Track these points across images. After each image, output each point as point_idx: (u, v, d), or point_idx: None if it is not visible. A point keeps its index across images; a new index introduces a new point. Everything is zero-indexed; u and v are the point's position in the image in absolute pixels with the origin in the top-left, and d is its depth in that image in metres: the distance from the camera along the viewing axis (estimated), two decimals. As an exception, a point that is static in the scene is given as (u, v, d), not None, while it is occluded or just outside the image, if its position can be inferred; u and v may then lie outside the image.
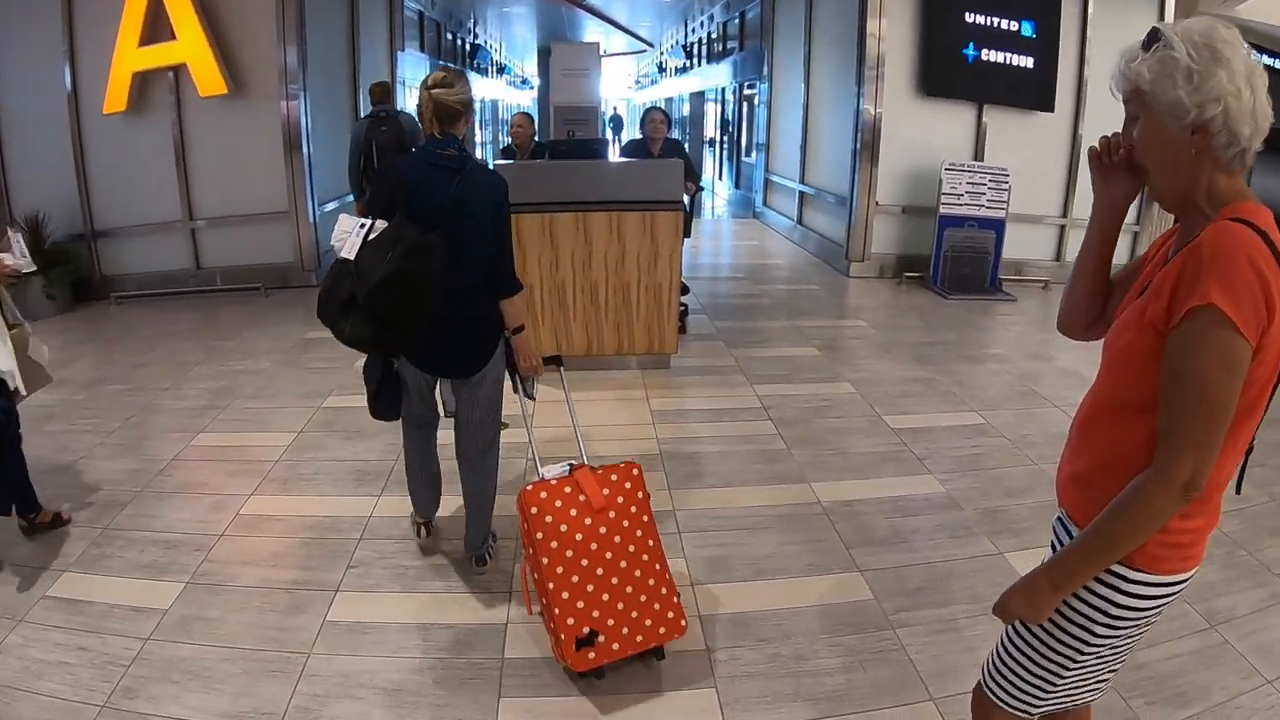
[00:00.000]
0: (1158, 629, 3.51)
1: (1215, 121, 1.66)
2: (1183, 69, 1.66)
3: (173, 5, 9.01)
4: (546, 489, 3.27)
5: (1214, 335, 1.62)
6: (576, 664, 3.12)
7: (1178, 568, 1.86)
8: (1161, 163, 1.78)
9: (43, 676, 3.29)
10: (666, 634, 3.27)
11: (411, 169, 3.59)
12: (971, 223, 9.85)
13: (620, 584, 3.21)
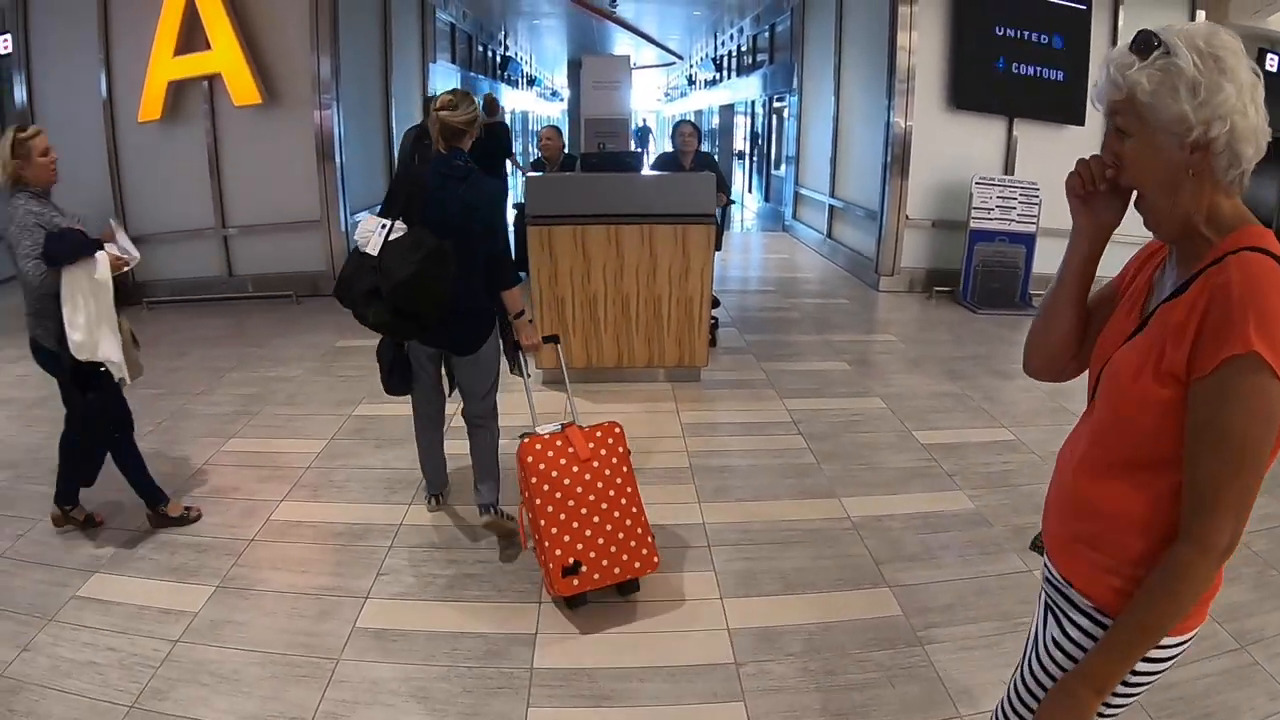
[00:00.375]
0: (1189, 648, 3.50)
1: (1219, 141, 1.50)
2: (1188, 80, 1.49)
3: (208, 15, 9.13)
4: (541, 442, 3.81)
5: (1256, 386, 1.45)
6: (562, 590, 3.65)
7: (1197, 622, 1.73)
8: (1157, 184, 1.61)
9: (71, 675, 3.32)
10: (641, 568, 3.77)
11: (430, 177, 4.05)
12: (1002, 237, 9.80)
13: (601, 523, 3.73)
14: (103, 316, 4.21)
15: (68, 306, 4.11)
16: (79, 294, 4.13)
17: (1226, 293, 1.47)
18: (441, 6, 15.27)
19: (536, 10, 19.72)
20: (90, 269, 4.18)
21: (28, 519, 4.61)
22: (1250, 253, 1.50)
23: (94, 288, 4.18)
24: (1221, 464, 1.50)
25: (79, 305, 4.13)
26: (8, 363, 7.52)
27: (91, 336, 4.17)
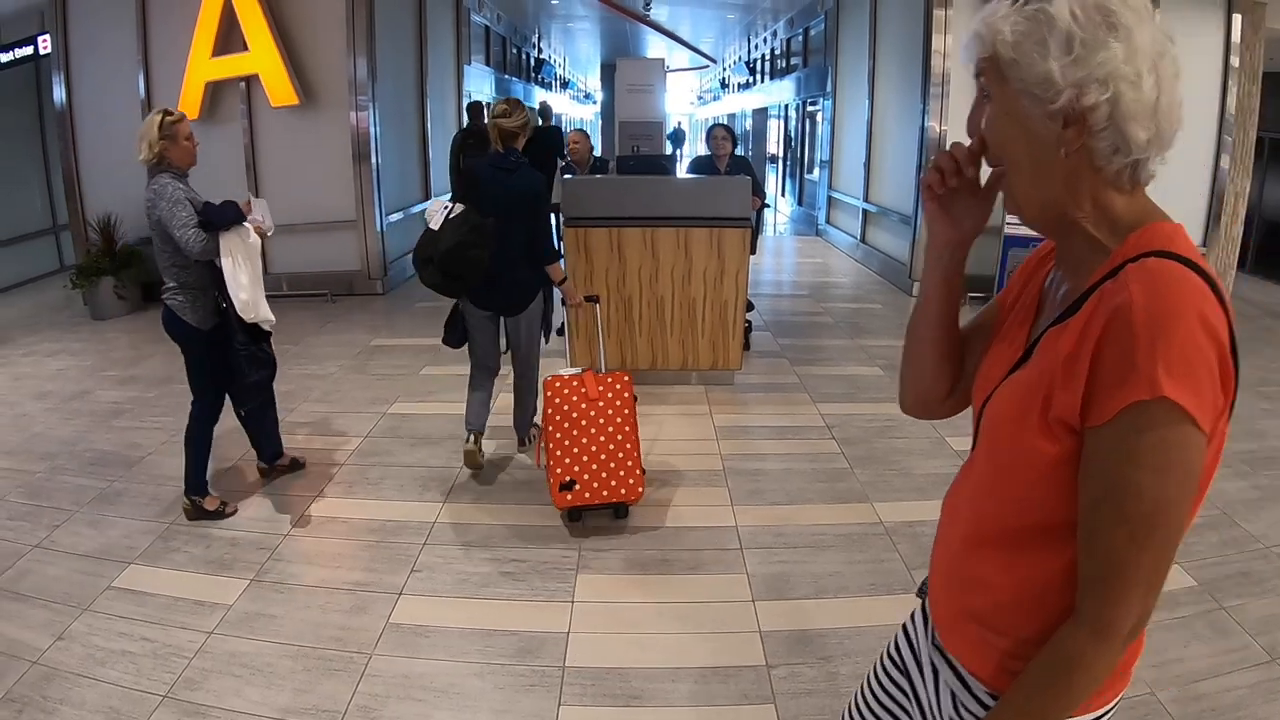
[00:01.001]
0: (1218, 660, 3.46)
1: (1097, 113, 1.18)
2: (1060, 32, 1.18)
3: (245, 17, 9.22)
4: (561, 380, 4.69)
5: (1168, 438, 1.13)
6: (558, 502, 4.42)
7: (1115, 692, 1.41)
8: (1020, 162, 1.29)
9: (106, 664, 3.37)
10: (626, 495, 4.46)
11: (486, 170, 4.97)
12: (1035, 242, 9.67)
13: (596, 452, 4.49)
14: (258, 279, 4.56)
15: (231, 269, 4.43)
16: (239, 256, 4.45)
17: (1127, 317, 1.13)
18: (476, 9, 15.35)
19: (570, 13, 19.79)
20: (244, 235, 4.50)
21: (64, 510, 4.67)
22: (1156, 259, 1.17)
23: (248, 252, 4.50)
24: (1126, 535, 1.17)
25: (241, 266, 4.45)
26: (46, 356, 7.64)
27: (254, 295, 4.51)
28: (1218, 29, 10.23)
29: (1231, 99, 10.30)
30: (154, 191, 4.34)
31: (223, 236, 4.39)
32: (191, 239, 4.28)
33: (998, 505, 1.37)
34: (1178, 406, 1.10)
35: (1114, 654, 1.22)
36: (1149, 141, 1.20)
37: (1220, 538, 4.57)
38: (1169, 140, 1.23)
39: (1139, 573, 1.18)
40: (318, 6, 9.54)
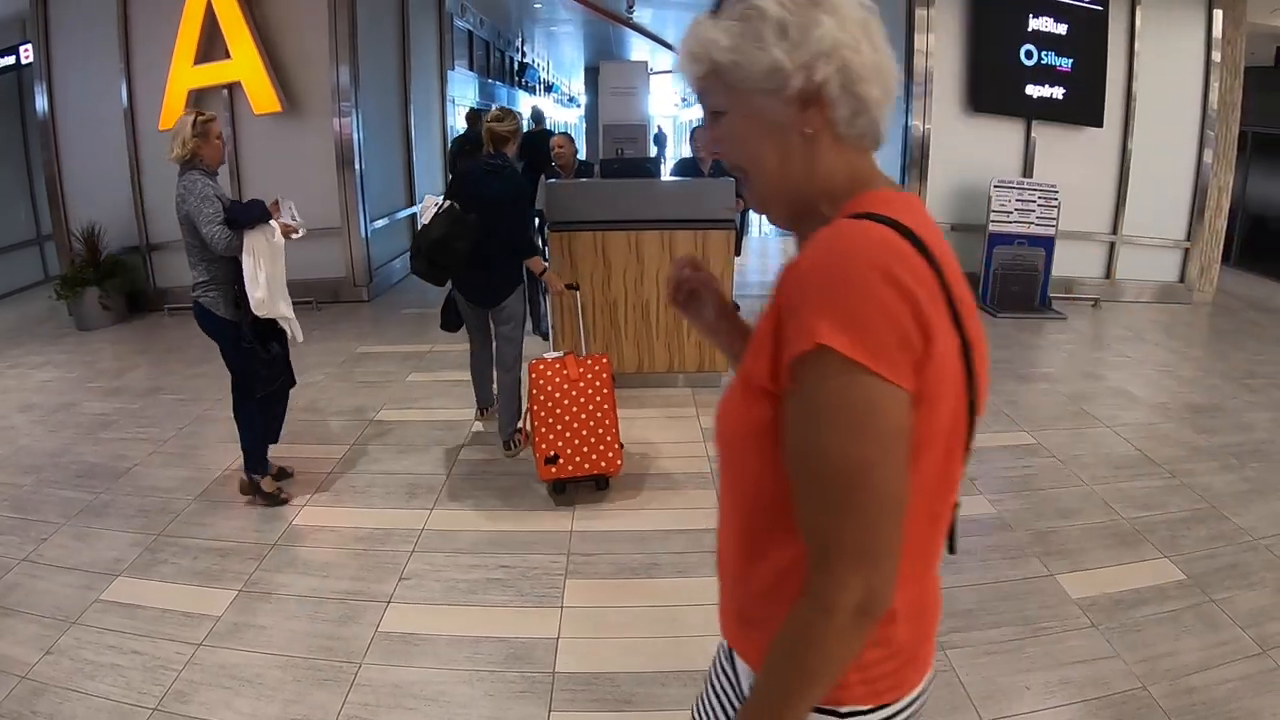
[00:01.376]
0: (1209, 653, 3.48)
1: (830, 85, 1.20)
2: (774, 22, 1.19)
3: (228, 25, 9.19)
4: (544, 363, 5.06)
5: (843, 393, 1.09)
6: (543, 475, 4.82)
7: (898, 692, 1.33)
8: (766, 161, 1.29)
9: (95, 678, 3.36)
10: (606, 467, 4.84)
11: (475, 171, 5.41)
12: (1021, 240, 9.76)
13: (578, 428, 4.88)
14: (277, 277, 4.70)
15: (250, 267, 4.59)
16: (260, 256, 4.60)
17: (797, 275, 1.15)
18: (459, 14, 15.34)
19: (553, 17, 19.77)
20: (268, 234, 4.66)
21: (52, 523, 4.65)
22: (847, 220, 1.19)
23: (272, 251, 4.65)
24: (822, 502, 1.14)
25: (261, 265, 4.59)
26: (31, 368, 7.61)
27: (271, 294, 4.64)
28: (1199, 25, 10.30)
29: (1214, 94, 10.36)
30: (184, 187, 4.53)
31: (247, 234, 4.56)
32: (216, 235, 4.45)
33: (736, 496, 1.36)
34: (840, 354, 1.07)
35: (846, 631, 1.15)
36: (882, 96, 1.24)
37: (1209, 531, 4.60)
38: (892, 95, 1.27)
39: (846, 542, 1.13)
40: (300, 13, 9.51)
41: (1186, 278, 10.86)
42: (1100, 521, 4.69)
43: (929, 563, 1.38)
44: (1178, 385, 7.27)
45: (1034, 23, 9.88)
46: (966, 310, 1.21)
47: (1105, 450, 5.67)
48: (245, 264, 4.56)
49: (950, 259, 1.21)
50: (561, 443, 4.83)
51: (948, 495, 1.33)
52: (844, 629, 1.15)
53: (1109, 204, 10.57)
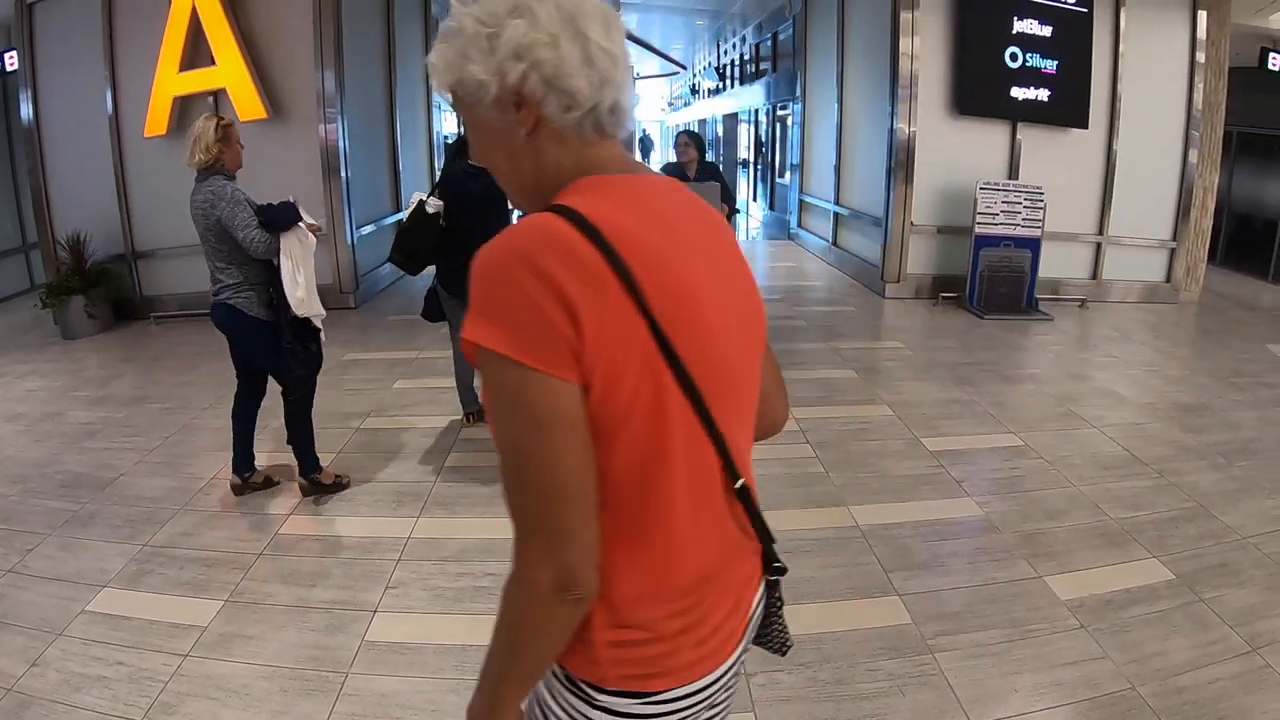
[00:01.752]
0: (1199, 653, 3.49)
1: (530, 83, 1.25)
2: (472, 37, 1.27)
3: (212, 31, 9.17)
4: None
5: (498, 380, 1.18)
6: None
7: (667, 680, 1.35)
8: (501, 166, 1.37)
9: (81, 690, 3.33)
10: None
11: (460, 172, 5.56)
12: (1007, 242, 9.79)
13: None
14: (312, 278, 4.76)
15: (288, 269, 4.63)
16: (295, 256, 4.65)
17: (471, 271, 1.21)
18: (445, 18, 15.29)
19: (539, 21, 19.79)
20: (300, 234, 4.71)
21: (37, 533, 4.62)
22: (530, 215, 1.25)
23: (304, 251, 4.71)
24: (507, 480, 1.23)
25: (298, 266, 4.65)
26: (17, 378, 7.57)
27: (310, 294, 4.71)
28: (1183, 26, 10.38)
29: (1198, 94, 10.44)
30: (212, 193, 4.57)
31: (284, 237, 4.64)
32: (256, 239, 4.53)
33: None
34: (481, 346, 1.16)
35: (547, 607, 1.23)
36: (600, 85, 1.27)
37: (1197, 530, 4.62)
38: (615, 83, 1.29)
39: (529, 521, 1.23)
40: (285, 20, 9.49)
41: (1173, 277, 10.92)
42: (1088, 522, 4.70)
43: (681, 547, 1.34)
44: (1165, 385, 7.29)
45: (1018, 25, 9.93)
46: (667, 293, 1.22)
47: (1093, 451, 5.69)
48: (284, 266, 4.61)
49: (655, 245, 1.24)
50: None
51: (693, 479, 1.32)
52: (543, 604, 1.22)
53: (1095, 205, 10.62)
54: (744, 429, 1.45)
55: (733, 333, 1.36)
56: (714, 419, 1.30)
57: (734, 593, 1.45)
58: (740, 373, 1.40)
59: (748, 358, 1.43)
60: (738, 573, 1.46)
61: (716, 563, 1.40)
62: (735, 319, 1.38)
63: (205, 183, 4.59)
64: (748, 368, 1.44)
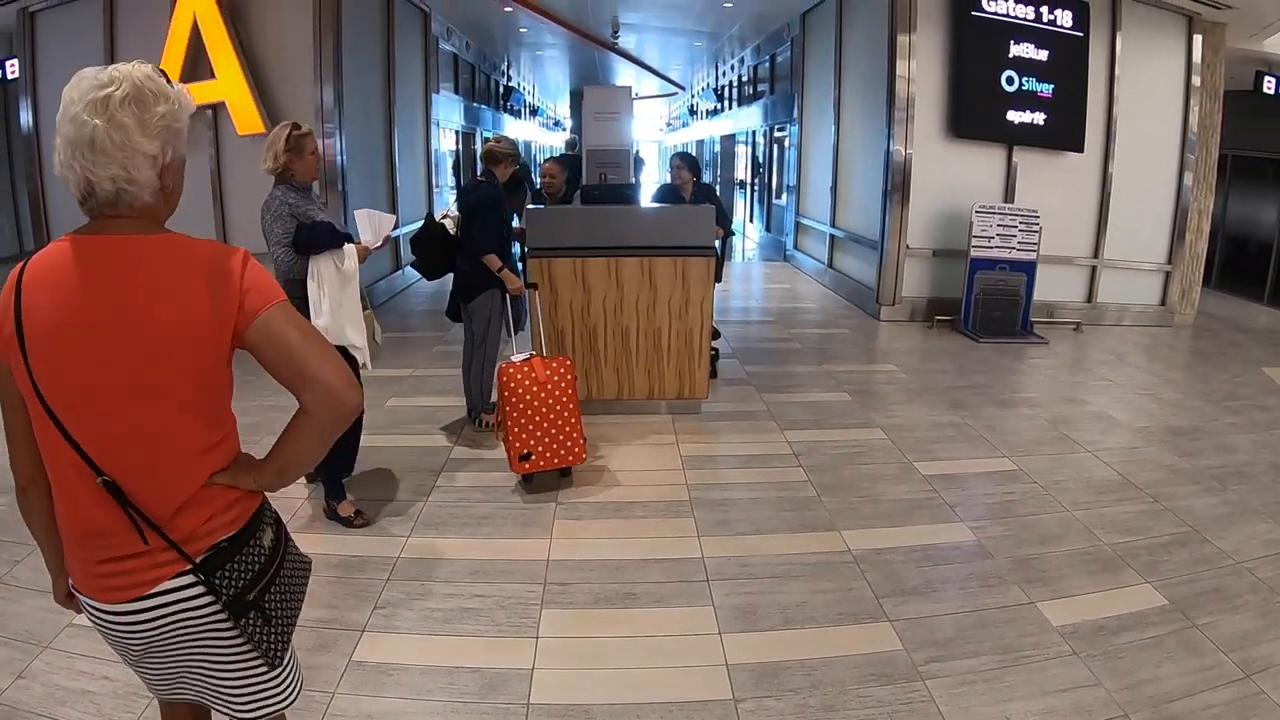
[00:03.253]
0: (1192, 679, 3.47)
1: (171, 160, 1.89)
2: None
3: (212, 45, 9.19)
4: (514, 366, 5.35)
5: None
6: (517, 469, 5.27)
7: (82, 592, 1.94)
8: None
9: (66, 704, 3.29)
10: (572, 460, 5.38)
11: (468, 185, 6.41)
12: (1003, 265, 9.81)
13: (548, 427, 5.31)
14: (347, 304, 4.70)
15: (314, 293, 4.59)
16: (325, 282, 4.60)
17: None
18: (444, 37, 15.38)
19: (539, 41, 19.86)
20: (337, 259, 4.65)
21: (25, 545, 4.57)
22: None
23: (340, 278, 4.66)
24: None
25: (324, 292, 4.60)
26: (7, 392, 7.51)
27: (335, 321, 4.63)
28: (1179, 50, 10.45)
29: (1193, 118, 10.50)
30: (264, 203, 4.60)
31: (313, 259, 4.58)
32: (280, 257, 4.53)
33: None
34: None
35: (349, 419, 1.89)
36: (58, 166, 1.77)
37: (1191, 555, 4.60)
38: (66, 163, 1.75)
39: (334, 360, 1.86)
40: (285, 34, 9.52)
41: (1168, 300, 10.95)
42: (1081, 547, 4.68)
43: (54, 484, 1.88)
44: (1159, 408, 7.29)
45: (1015, 49, 9.98)
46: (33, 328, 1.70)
47: (1086, 475, 5.68)
48: (310, 289, 4.57)
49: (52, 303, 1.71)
50: (534, 441, 5.26)
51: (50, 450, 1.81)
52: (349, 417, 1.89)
53: (1090, 228, 10.65)
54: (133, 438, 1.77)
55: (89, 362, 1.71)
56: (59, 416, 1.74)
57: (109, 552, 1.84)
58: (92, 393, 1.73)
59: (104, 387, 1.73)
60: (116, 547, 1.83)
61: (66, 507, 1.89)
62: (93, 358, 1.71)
63: (271, 191, 4.60)
64: (109, 394, 1.73)
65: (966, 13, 9.90)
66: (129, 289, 1.72)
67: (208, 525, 1.86)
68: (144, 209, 1.79)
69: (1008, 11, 9.96)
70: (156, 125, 1.76)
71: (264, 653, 1.96)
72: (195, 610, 1.86)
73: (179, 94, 1.85)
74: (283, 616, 2.02)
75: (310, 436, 1.89)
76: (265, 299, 1.79)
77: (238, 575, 1.89)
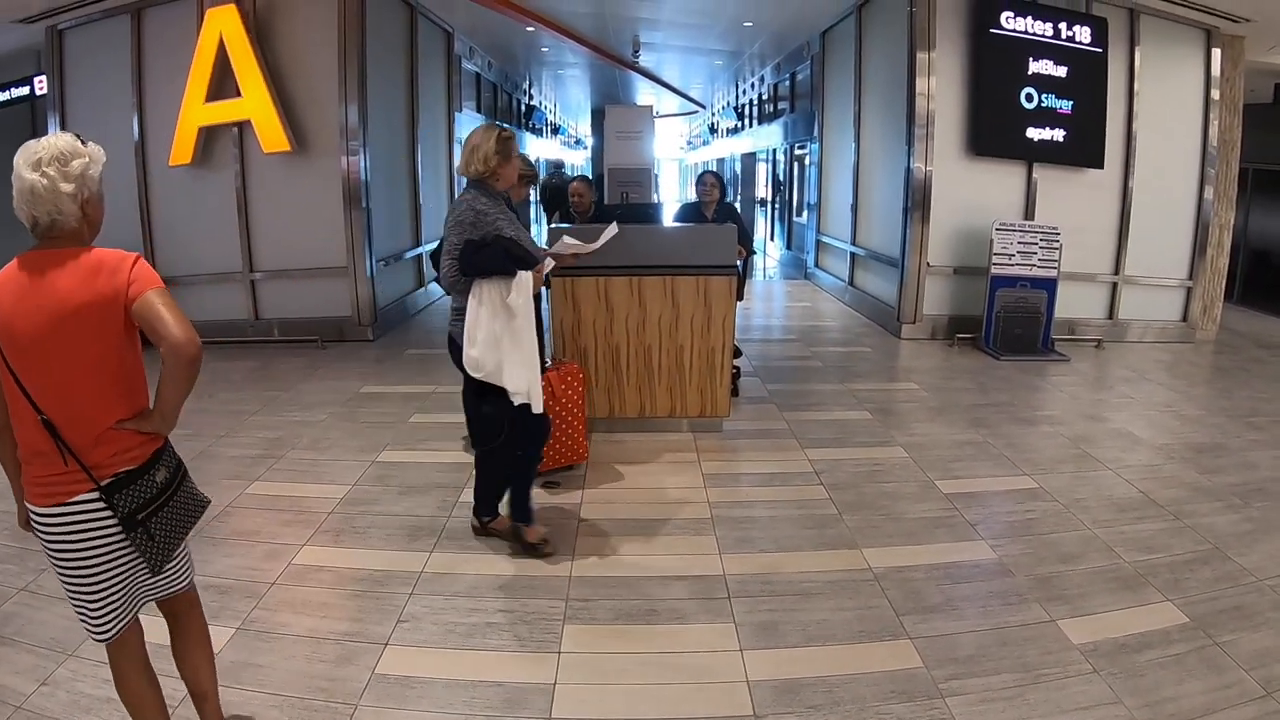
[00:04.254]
0: (1212, 697, 3.46)
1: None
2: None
3: (239, 63, 9.32)
4: None
5: None
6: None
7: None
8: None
9: (90, 711, 3.35)
10: (575, 458, 5.85)
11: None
12: (1023, 282, 9.79)
13: (559, 435, 5.63)
14: (507, 339, 4.27)
15: (472, 318, 4.26)
16: (483, 309, 4.25)
17: None
18: (468, 56, 15.50)
19: (561, 60, 19.96)
20: (503, 288, 4.26)
21: (51, 558, 4.64)
22: None
23: (506, 311, 4.25)
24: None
25: (480, 321, 4.25)
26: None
27: (487, 356, 4.27)
28: (1198, 64, 10.45)
29: (1213, 131, 10.48)
30: (455, 207, 4.39)
31: (477, 283, 4.27)
32: (446, 268, 4.32)
33: None
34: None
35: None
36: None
37: (1213, 573, 4.59)
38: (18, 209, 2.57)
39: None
40: (311, 53, 9.65)
41: (1189, 316, 10.91)
42: (1102, 565, 4.67)
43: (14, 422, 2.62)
44: (1181, 425, 7.27)
45: (1034, 65, 9.98)
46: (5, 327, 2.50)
47: (1108, 493, 5.66)
48: (469, 310, 4.28)
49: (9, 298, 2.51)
50: (547, 448, 5.45)
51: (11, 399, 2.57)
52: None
53: (1111, 244, 10.63)
54: (60, 388, 2.54)
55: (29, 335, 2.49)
56: (17, 373, 2.52)
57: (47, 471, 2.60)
58: (33, 355, 2.51)
59: (38, 351, 2.50)
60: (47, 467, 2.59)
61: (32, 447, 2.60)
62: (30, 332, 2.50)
63: (463, 198, 4.42)
64: (41, 355, 2.51)
65: (985, 30, 9.91)
66: (58, 282, 2.50)
67: (113, 459, 2.62)
68: (71, 232, 2.58)
69: (1026, 28, 9.97)
70: (74, 174, 2.54)
71: (148, 560, 2.72)
72: (100, 522, 2.62)
73: (91, 151, 2.66)
74: (166, 538, 2.74)
75: (169, 381, 2.60)
76: (144, 286, 2.54)
77: (131, 499, 2.64)
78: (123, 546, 2.68)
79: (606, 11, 14.00)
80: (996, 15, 9.89)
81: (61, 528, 2.61)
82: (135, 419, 2.68)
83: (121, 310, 2.53)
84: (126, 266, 2.57)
